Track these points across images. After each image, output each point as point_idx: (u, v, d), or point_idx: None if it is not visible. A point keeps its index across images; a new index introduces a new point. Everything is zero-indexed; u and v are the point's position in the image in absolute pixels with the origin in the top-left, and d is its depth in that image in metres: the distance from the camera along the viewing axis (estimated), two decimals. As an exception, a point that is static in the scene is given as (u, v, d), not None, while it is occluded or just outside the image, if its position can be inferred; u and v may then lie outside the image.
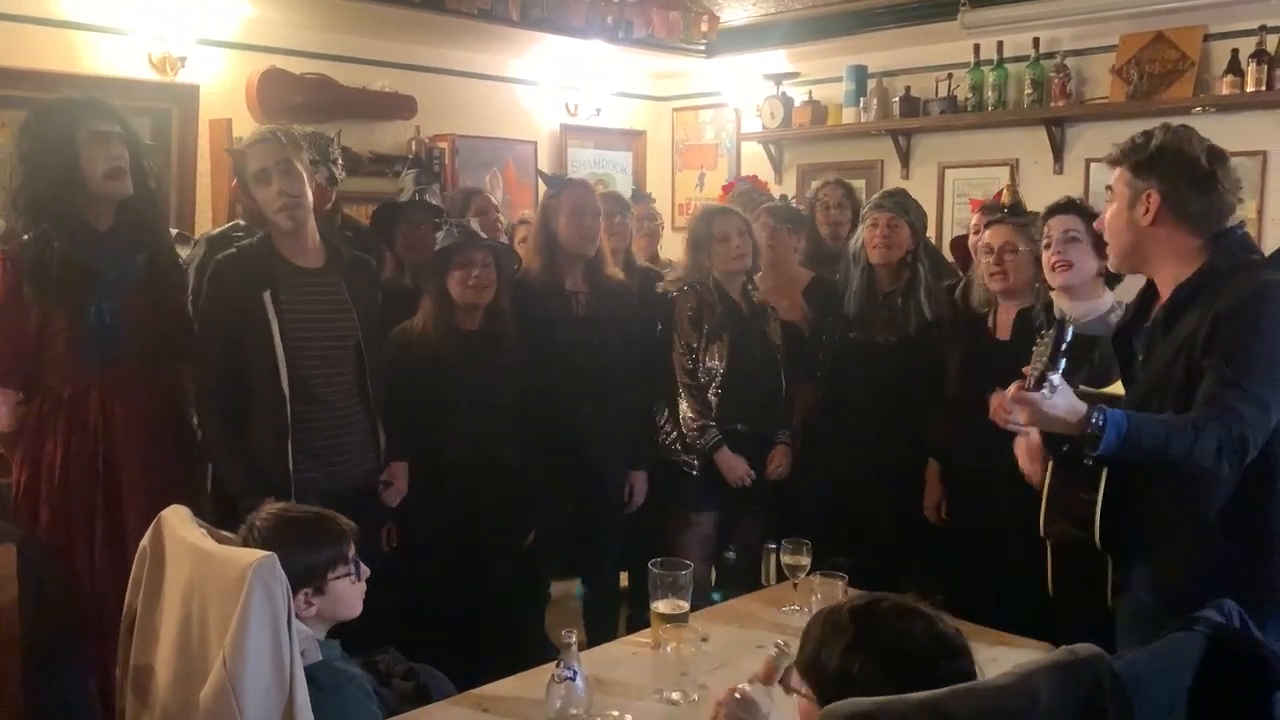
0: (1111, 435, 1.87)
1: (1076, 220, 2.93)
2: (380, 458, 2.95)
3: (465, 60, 5.20)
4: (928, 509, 3.37)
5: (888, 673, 1.40)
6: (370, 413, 2.91)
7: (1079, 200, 3.06)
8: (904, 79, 5.10)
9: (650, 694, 2.17)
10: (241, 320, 2.74)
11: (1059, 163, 4.67)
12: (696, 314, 3.36)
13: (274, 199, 2.75)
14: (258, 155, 2.77)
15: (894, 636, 1.44)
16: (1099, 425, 1.88)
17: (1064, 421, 1.91)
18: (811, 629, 1.52)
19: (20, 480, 2.73)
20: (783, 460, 3.43)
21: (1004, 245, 3.17)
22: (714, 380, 3.35)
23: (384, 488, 3.00)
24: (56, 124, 2.67)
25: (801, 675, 1.51)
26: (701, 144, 6.09)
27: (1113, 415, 1.89)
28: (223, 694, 1.75)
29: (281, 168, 2.74)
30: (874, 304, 3.46)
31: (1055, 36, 4.60)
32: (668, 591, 2.37)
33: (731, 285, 3.41)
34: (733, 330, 3.36)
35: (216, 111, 4.35)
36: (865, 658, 1.42)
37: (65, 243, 2.63)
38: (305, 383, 2.78)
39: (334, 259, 2.91)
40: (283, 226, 2.78)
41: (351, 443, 2.88)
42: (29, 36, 3.91)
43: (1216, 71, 4.19)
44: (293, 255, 2.83)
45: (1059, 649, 1.44)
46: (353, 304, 2.88)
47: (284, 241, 2.82)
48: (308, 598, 2.00)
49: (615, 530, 3.48)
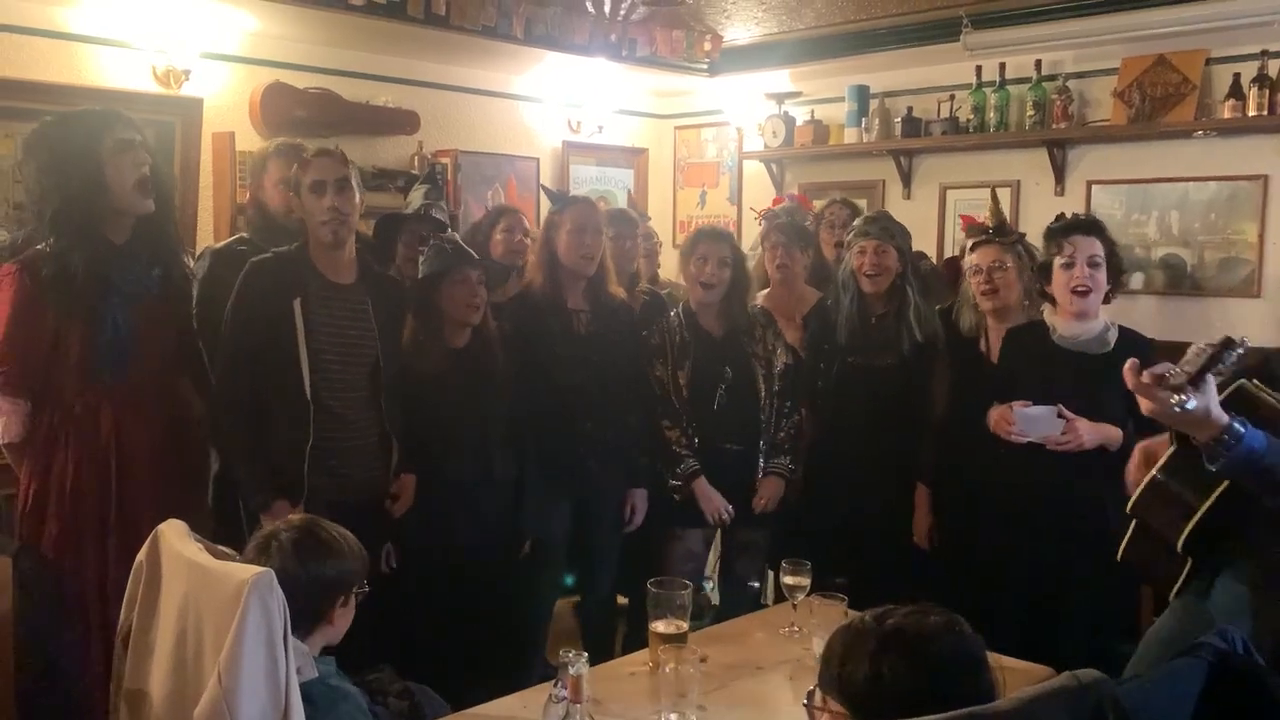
0: (1239, 454, 1.80)
1: (1099, 244, 2.94)
2: (390, 472, 2.97)
3: (468, 76, 5.22)
4: (918, 536, 3.36)
5: (917, 669, 1.39)
6: (383, 428, 2.94)
7: (1094, 219, 3.06)
8: (906, 99, 5.11)
9: (648, 715, 2.16)
10: (269, 326, 2.78)
11: (1060, 184, 4.68)
12: (661, 346, 3.38)
13: (324, 212, 2.80)
14: (320, 168, 2.84)
15: (917, 634, 1.43)
16: (1232, 441, 1.81)
17: (1200, 423, 1.81)
18: (833, 644, 1.51)
19: (29, 492, 2.73)
20: (772, 493, 3.38)
21: (993, 264, 3.18)
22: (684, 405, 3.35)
23: (391, 501, 3.01)
24: (79, 135, 2.68)
25: (828, 693, 1.50)
26: (703, 162, 6.10)
27: (1251, 436, 1.82)
28: (217, 711, 1.74)
29: (339, 184, 2.82)
30: (866, 328, 3.45)
31: (1057, 59, 4.61)
32: (666, 611, 2.36)
33: (705, 310, 3.40)
34: (696, 356, 3.36)
35: (220, 125, 4.35)
36: (894, 658, 1.41)
37: (86, 255, 2.63)
38: (321, 394, 2.81)
39: (365, 277, 2.96)
40: (324, 239, 2.83)
41: (362, 456, 2.91)
42: (34, 48, 3.92)
43: (1218, 95, 4.20)
44: (326, 269, 2.88)
45: (1062, 674, 1.43)
46: (376, 322, 2.92)
47: (320, 254, 2.87)
48: (344, 600, 2.04)
49: (613, 548, 3.47)
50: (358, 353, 2.89)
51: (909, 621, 1.45)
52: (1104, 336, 2.97)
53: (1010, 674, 2.23)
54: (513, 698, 2.23)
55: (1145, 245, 4.45)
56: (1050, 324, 3.01)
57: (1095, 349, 2.96)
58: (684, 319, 3.42)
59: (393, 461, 2.96)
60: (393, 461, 2.96)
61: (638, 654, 2.53)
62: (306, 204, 2.85)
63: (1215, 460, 1.83)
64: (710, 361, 3.38)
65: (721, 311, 3.41)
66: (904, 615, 1.47)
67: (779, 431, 3.42)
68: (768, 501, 3.37)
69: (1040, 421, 2.89)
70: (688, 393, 3.36)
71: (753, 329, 3.45)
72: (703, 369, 3.37)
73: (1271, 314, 4.14)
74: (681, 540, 3.40)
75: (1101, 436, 2.88)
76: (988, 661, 1.46)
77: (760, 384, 3.40)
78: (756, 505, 3.36)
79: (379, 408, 2.93)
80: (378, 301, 2.95)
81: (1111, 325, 3.00)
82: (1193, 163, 4.33)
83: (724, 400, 3.37)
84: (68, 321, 2.66)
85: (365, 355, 2.91)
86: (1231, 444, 1.80)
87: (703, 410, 3.37)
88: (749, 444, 3.40)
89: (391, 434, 2.95)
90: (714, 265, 3.35)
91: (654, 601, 2.38)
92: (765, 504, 3.37)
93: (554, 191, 3.63)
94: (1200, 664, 1.57)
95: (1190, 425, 1.85)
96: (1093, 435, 2.87)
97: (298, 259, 2.87)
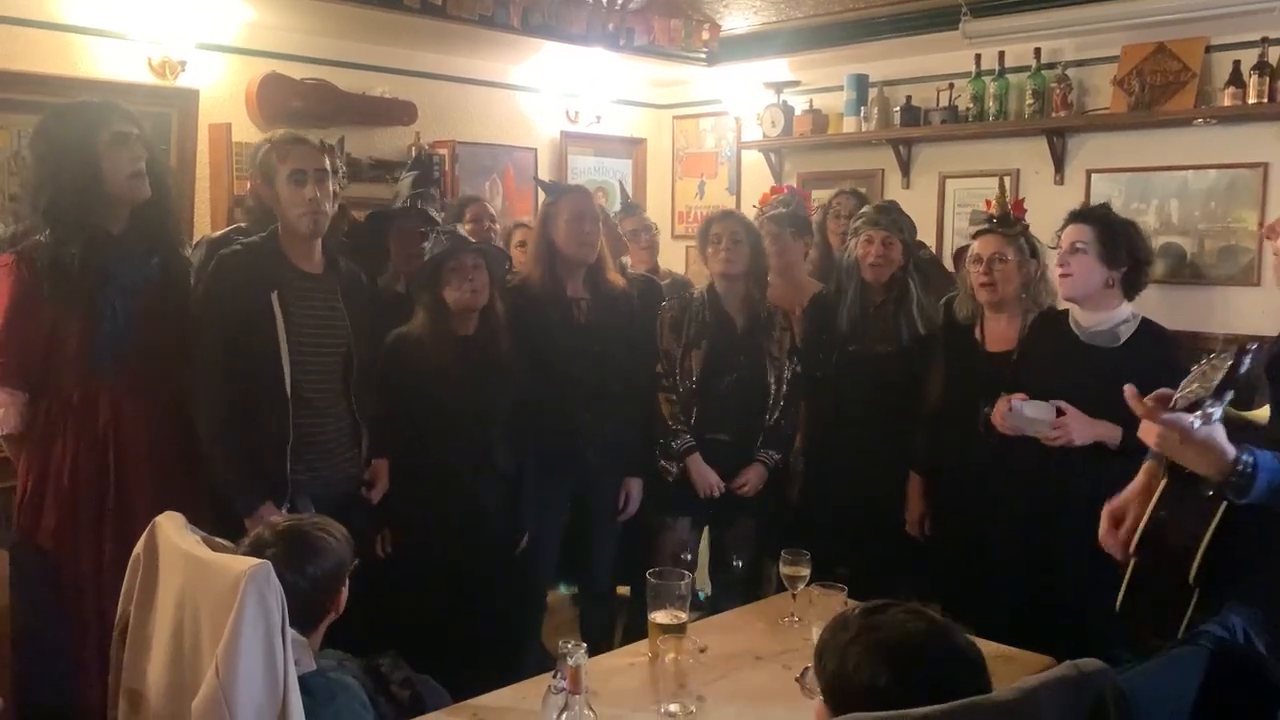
0: (1262, 482, 1.69)
1: (1087, 230, 2.91)
2: (361, 460, 2.97)
3: (466, 66, 5.19)
4: (910, 524, 3.36)
5: (880, 663, 1.37)
6: (354, 418, 2.94)
7: (1099, 209, 3.03)
8: (905, 88, 5.09)
9: (648, 705, 2.16)
10: (246, 319, 2.75)
11: (1060, 173, 4.66)
12: (677, 319, 3.38)
13: (302, 202, 2.78)
14: (299, 156, 2.81)
15: (891, 630, 1.42)
16: (1249, 470, 1.69)
17: (1207, 459, 1.71)
18: (824, 631, 1.52)
19: (26, 484, 2.72)
20: (755, 479, 3.38)
21: (993, 255, 3.16)
22: (691, 387, 3.35)
23: (367, 489, 3.01)
24: (76, 126, 2.67)
25: (817, 677, 1.51)
26: (702, 152, 6.08)
27: (1263, 460, 1.70)
28: (215, 704, 1.73)
29: (318, 174, 2.80)
30: (867, 317, 3.44)
31: (1057, 47, 4.59)
32: (666, 602, 2.36)
33: (730, 294, 3.40)
34: (714, 339, 3.35)
35: (216, 116, 4.33)
36: (860, 649, 1.40)
37: (82, 246, 2.62)
38: (301, 387, 2.80)
39: (332, 267, 2.95)
40: (303, 230, 2.81)
41: (337, 447, 2.92)
42: (28, 40, 3.89)
43: (1218, 83, 4.18)
44: (297, 259, 2.86)
45: (1063, 664, 1.43)
46: (346, 312, 2.91)
47: (292, 244, 2.85)
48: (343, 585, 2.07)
49: (610, 539, 3.47)
50: (331, 343, 2.89)
51: (890, 618, 1.43)
52: (1116, 330, 2.92)
53: (1009, 663, 2.25)
54: (511, 689, 2.23)
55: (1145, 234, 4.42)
56: (1072, 314, 3.00)
57: (1107, 342, 2.93)
58: (708, 300, 3.41)
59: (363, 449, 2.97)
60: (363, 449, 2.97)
61: (637, 644, 2.53)
62: (283, 193, 2.81)
63: (1242, 494, 1.72)
64: (727, 349, 3.37)
65: (745, 302, 3.40)
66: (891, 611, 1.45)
67: (776, 428, 3.42)
68: (749, 487, 3.37)
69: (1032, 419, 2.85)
70: (697, 375, 3.35)
71: (772, 328, 3.44)
72: (718, 355, 3.36)
73: (1271, 302, 4.12)
74: (673, 530, 3.40)
75: (1096, 434, 2.81)
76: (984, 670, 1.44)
77: (770, 383, 3.40)
78: (735, 486, 3.37)
79: (349, 398, 2.93)
80: (346, 291, 2.95)
81: (1132, 318, 2.95)
82: (1192, 151, 4.31)
83: (730, 390, 3.37)
84: (66, 313, 2.65)
85: (338, 345, 2.90)
86: (1250, 469, 1.69)
87: (706, 394, 3.36)
88: (740, 438, 3.40)
89: (361, 423, 2.95)
90: (728, 241, 3.35)
91: (653, 592, 2.38)
92: (746, 488, 3.37)
93: (548, 182, 3.61)
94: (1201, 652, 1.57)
95: (1200, 461, 1.73)
96: (1085, 433, 2.81)
97: (269, 249, 2.83)
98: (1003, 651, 2.36)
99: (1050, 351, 2.99)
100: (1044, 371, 2.96)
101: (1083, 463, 2.86)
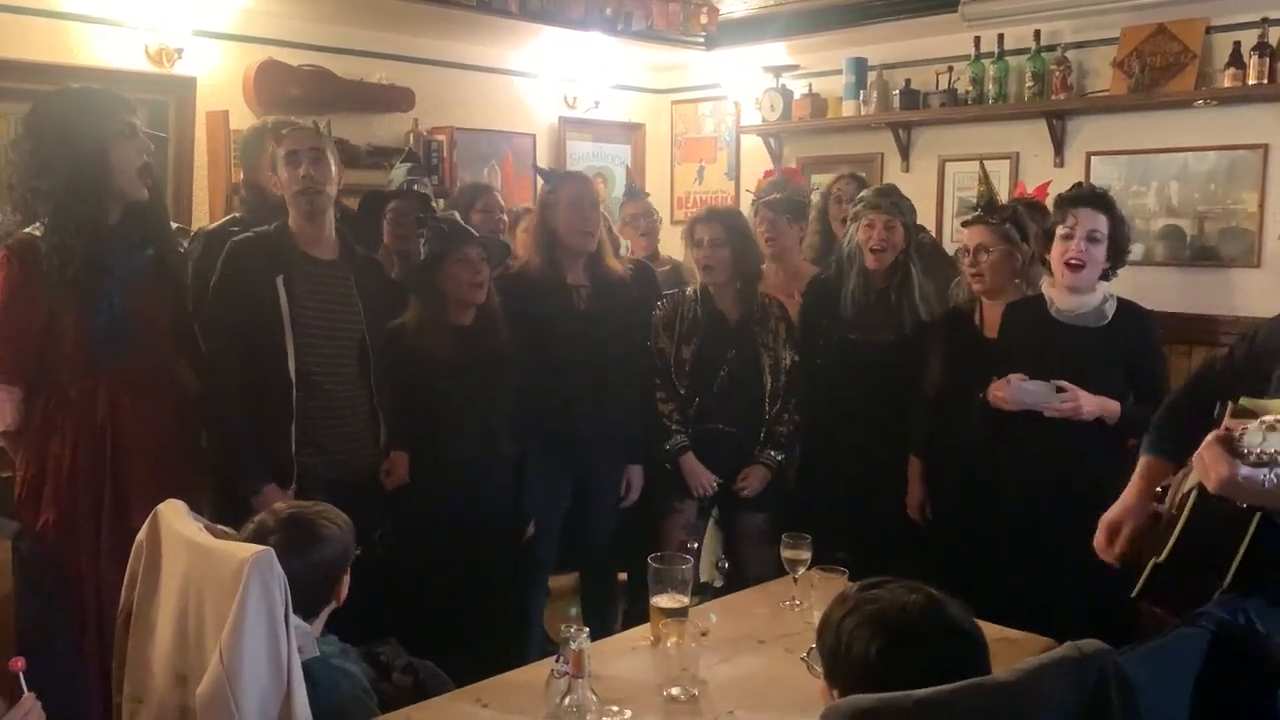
0: None
1: (1104, 220, 2.89)
2: (381, 449, 2.97)
3: (463, 52, 5.18)
4: (910, 509, 3.36)
5: (873, 633, 1.41)
6: (372, 405, 2.93)
7: (1105, 193, 3.00)
8: (904, 72, 5.07)
9: (650, 689, 2.16)
10: (253, 304, 2.77)
11: (1060, 156, 4.65)
12: (669, 319, 3.40)
13: (299, 182, 2.80)
14: (294, 138, 2.85)
15: (887, 602, 1.44)
16: None
17: (1262, 500, 1.68)
18: (826, 609, 1.54)
19: (25, 477, 2.71)
20: (755, 481, 3.37)
21: (979, 247, 3.16)
22: (687, 384, 3.36)
23: (384, 475, 3.01)
24: (86, 113, 2.64)
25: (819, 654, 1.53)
26: (701, 137, 6.07)
27: None
28: (219, 690, 1.74)
29: (313, 155, 2.81)
30: (869, 303, 3.43)
31: (1056, 29, 4.57)
32: (667, 586, 2.36)
33: (721, 291, 3.39)
34: (706, 335, 3.35)
35: (213, 103, 4.32)
36: (856, 620, 1.44)
37: (82, 236, 2.60)
38: (308, 371, 2.80)
39: (347, 253, 2.96)
40: (301, 210, 2.82)
41: (353, 434, 2.92)
42: (24, 27, 3.88)
43: (1218, 64, 4.17)
44: (307, 245, 2.87)
45: (1064, 644, 1.43)
46: (360, 299, 2.92)
47: (301, 230, 2.87)
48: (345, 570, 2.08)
49: (610, 514, 3.47)
50: (344, 329, 2.89)
51: (887, 592, 1.46)
52: (1102, 309, 2.95)
53: (1011, 645, 2.26)
54: (514, 673, 2.24)
55: (1145, 216, 4.42)
56: (1049, 297, 2.99)
57: (1093, 322, 2.94)
58: (700, 297, 3.41)
59: (382, 438, 2.97)
60: (382, 438, 2.97)
61: (639, 628, 2.53)
62: (282, 176, 2.85)
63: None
64: (718, 343, 3.37)
65: (739, 296, 3.40)
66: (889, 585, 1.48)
67: (777, 425, 3.41)
68: (750, 490, 3.37)
69: (1035, 392, 2.88)
70: (690, 370, 3.36)
71: (767, 319, 3.44)
72: (709, 349, 3.37)
73: (1271, 284, 4.12)
74: (680, 513, 3.40)
75: (1101, 407, 2.86)
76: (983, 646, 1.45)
77: (766, 374, 3.39)
78: (736, 486, 3.37)
79: (369, 386, 2.93)
80: (361, 278, 2.95)
81: (1110, 297, 2.98)
82: (1193, 132, 4.30)
83: (724, 383, 3.37)
84: (61, 306, 2.63)
85: (351, 331, 2.90)
86: None
87: (702, 390, 3.37)
88: (741, 428, 3.40)
89: (380, 411, 2.95)
90: (708, 246, 3.35)
91: (655, 576, 2.38)
92: (747, 491, 3.37)
93: (547, 170, 3.60)
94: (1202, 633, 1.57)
95: (1258, 499, 1.68)
96: (1092, 405, 2.86)
97: (278, 236, 2.86)
98: (1004, 634, 2.36)
99: (1034, 337, 2.99)
100: (1031, 356, 2.95)
101: (1083, 446, 2.87)
